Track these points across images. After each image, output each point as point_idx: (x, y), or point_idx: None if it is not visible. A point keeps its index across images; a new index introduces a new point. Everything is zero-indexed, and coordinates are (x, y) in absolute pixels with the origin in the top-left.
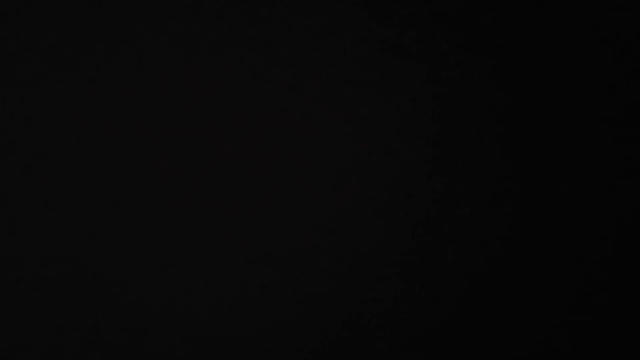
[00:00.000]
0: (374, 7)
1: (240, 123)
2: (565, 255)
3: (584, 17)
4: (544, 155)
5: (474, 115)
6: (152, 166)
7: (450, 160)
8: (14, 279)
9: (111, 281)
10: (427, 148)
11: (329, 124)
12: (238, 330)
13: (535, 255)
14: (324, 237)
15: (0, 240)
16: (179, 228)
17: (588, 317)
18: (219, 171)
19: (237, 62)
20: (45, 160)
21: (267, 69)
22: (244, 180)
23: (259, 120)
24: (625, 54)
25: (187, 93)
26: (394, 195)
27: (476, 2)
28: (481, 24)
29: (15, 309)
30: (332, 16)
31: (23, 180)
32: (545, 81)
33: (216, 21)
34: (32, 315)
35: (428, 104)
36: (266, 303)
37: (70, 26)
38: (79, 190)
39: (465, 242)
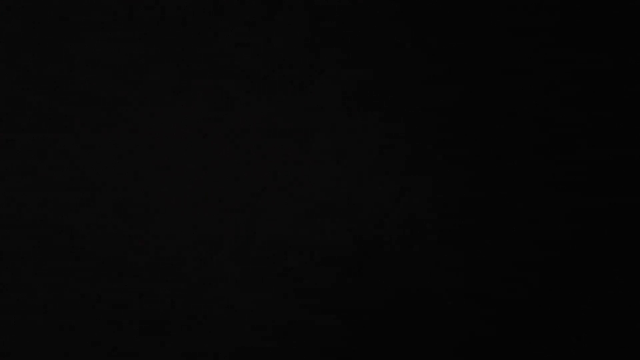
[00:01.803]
0: (373, 9)
1: (240, 123)
2: (563, 255)
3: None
4: (544, 156)
5: (473, 116)
6: (152, 166)
7: (447, 161)
8: (14, 279)
9: (110, 281)
10: (426, 148)
11: (328, 124)
12: (237, 328)
13: (534, 255)
14: (323, 235)
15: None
16: (178, 228)
17: (587, 317)
18: (218, 171)
19: (237, 62)
20: (46, 160)
21: (265, 69)
22: (243, 179)
23: (259, 120)
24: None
25: (186, 93)
26: (393, 194)
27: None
28: (480, 28)
29: (15, 308)
30: (332, 17)
31: (23, 180)
32: (540, 85)
33: (216, 21)
34: (32, 314)
35: (428, 105)
36: (264, 300)
37: (69, 25)
38: (79, 189)
39: (461, 242)
